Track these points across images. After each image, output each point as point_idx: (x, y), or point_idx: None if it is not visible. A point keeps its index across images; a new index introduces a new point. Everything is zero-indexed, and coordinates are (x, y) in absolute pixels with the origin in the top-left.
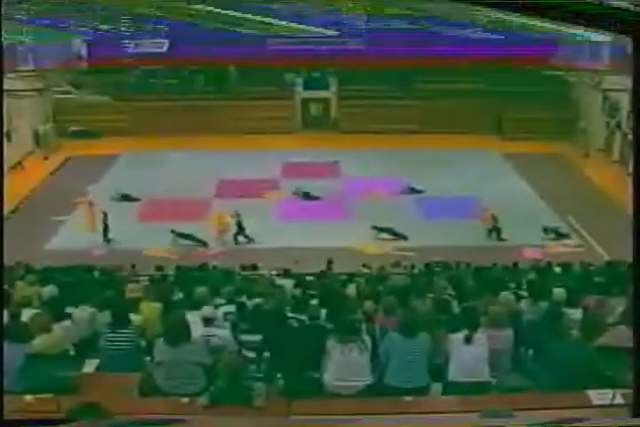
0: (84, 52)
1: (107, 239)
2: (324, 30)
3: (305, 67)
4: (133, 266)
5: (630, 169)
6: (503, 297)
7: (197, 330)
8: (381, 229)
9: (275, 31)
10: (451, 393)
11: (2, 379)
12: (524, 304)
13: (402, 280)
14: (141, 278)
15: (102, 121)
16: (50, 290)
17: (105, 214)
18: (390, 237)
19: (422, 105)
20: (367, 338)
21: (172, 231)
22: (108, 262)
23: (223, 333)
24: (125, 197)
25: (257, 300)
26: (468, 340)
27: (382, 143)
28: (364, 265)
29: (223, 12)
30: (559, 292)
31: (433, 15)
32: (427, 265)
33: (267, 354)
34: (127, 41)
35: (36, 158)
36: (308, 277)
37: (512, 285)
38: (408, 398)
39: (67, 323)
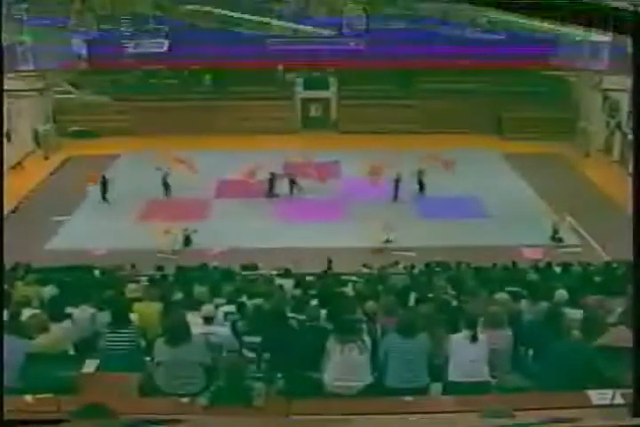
0: (84, 52)
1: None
2: (323, 30)
3: (305, 67)
4: (133, 266)
5: (630, 169)
6: (502, 297)
7: (197, 330)
8: None
9: (275, 31)
10: (451, 393)
11: (2, 379)
12: (523, 304)
13: (402, 280)
14: (141, 278)
15: (102, 121)
16: (50, 290)
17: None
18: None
19: (422, 105)
20: (367, 338)
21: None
22: (108, 262)
23: (223, 332)
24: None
25: (257, 300)
26: (474, 338)
27: (382, 143)
28: (364, 265)
29: (223, 12)
30: (559, 292)
31: (433, 15)
32: (427, 265)
33: (267, 354)
34: (127, 41)
35: (36, 158)
36: (308, 278)
37: (512, 285)
38: (408, 398)
39: (67, 323)
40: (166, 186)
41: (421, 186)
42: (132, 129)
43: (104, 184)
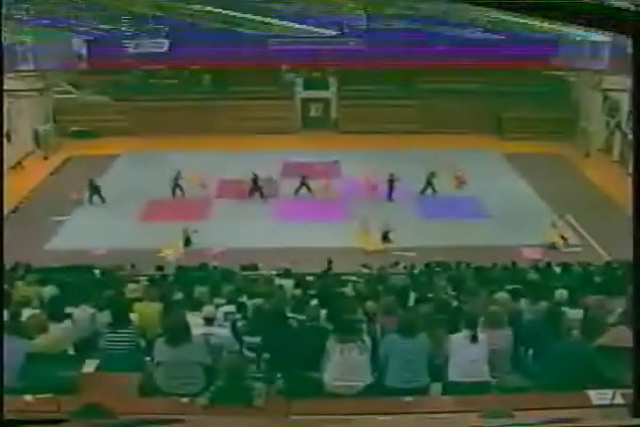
0: (84, 52)
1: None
2: (323, 30)
3: (305, 67)
4: (133, 266)
5: (630, 169)
6: (502, 297)
7: (197, 330)
8: None
9: (275, 31)
10: (451, 393)
11: (2, 379)
12: (523, 304)
13: (402, 280)
14: (141, 278)
15: (102, 121)
16: (50, 290)
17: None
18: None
19: (422, 105)
20: (367, 338)
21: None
22: (108, 262)
23: (223, 332)
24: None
25: (257, 300)
26: (474, 338)
27: (382, 143)
28: (364, 265)
29: (223, 11)
30: (559, 292)
31: (433, 15)
32: (427, 265)
33: (267, 354)
34: (127, 41)
35: (36, 158)
36: (308, 278)
37: (512, 285)
38: (408, 398)
39: (66, 323)
40: (179, 187)
41: (426, 187)
42: (132, 129)
43: (93, 188)
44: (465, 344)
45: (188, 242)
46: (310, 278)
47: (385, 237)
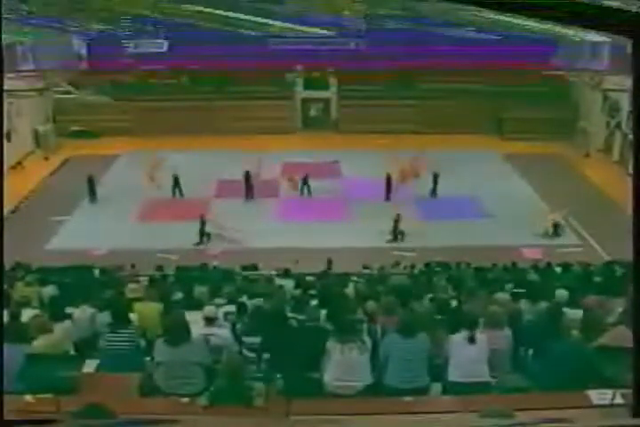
0: (83, 52)
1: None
2: (323, 30)
3: (305, 67)
4: (133, 266)
5: (630, 169)
6: (502, 297)
7: (198, 330)
8: None
9: (275, 31)
10: (451, 393)
11: (2, 379)
12: (523, 304)
13: (402, 280)
14: (141, 278)
15: (102, 121)
16: (50, 290)
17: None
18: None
19: (422, 105)
20: (367, 338)
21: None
22: (108, 262)
23: (223, 332)
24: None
25: (257, 300)
26: (472, 339)
27: (382, 143)
28: (364, 267)
29: (223, 12)
30: (559, 292)
31: (432, 15)
32: (427, 265)
33: (267, 354)
34: (127, 41)
35: (36, 158)
36: (308, 278)
37: (512, 285)
38: (408, 398)
39: (67, 323)
40: (179, 188)
41: (435, 189)
42: (132, 129)
43: (91, 185)
44: (465, 344)
45: (208, 236)
46: (310, 278)
47: (395, 237)
